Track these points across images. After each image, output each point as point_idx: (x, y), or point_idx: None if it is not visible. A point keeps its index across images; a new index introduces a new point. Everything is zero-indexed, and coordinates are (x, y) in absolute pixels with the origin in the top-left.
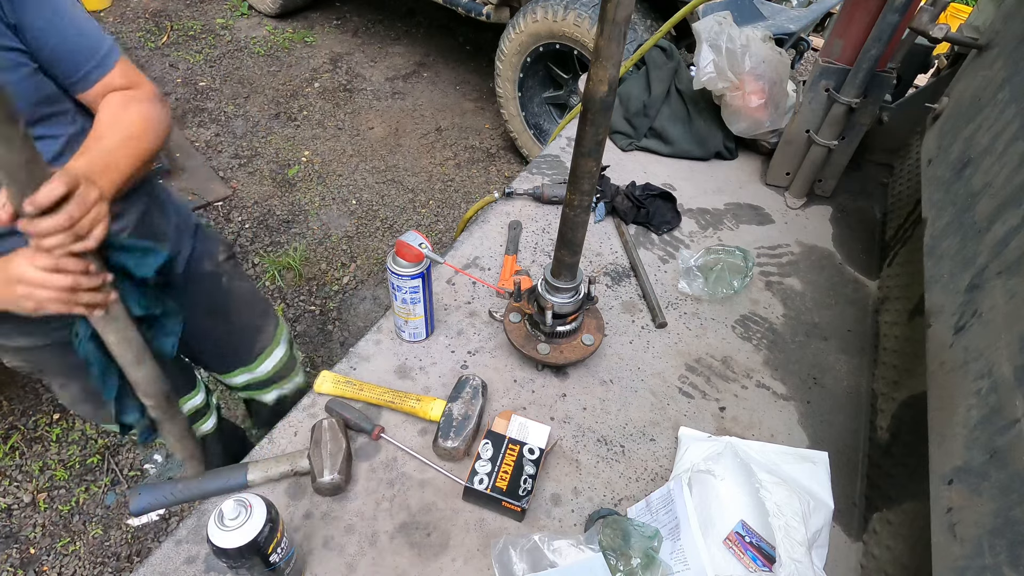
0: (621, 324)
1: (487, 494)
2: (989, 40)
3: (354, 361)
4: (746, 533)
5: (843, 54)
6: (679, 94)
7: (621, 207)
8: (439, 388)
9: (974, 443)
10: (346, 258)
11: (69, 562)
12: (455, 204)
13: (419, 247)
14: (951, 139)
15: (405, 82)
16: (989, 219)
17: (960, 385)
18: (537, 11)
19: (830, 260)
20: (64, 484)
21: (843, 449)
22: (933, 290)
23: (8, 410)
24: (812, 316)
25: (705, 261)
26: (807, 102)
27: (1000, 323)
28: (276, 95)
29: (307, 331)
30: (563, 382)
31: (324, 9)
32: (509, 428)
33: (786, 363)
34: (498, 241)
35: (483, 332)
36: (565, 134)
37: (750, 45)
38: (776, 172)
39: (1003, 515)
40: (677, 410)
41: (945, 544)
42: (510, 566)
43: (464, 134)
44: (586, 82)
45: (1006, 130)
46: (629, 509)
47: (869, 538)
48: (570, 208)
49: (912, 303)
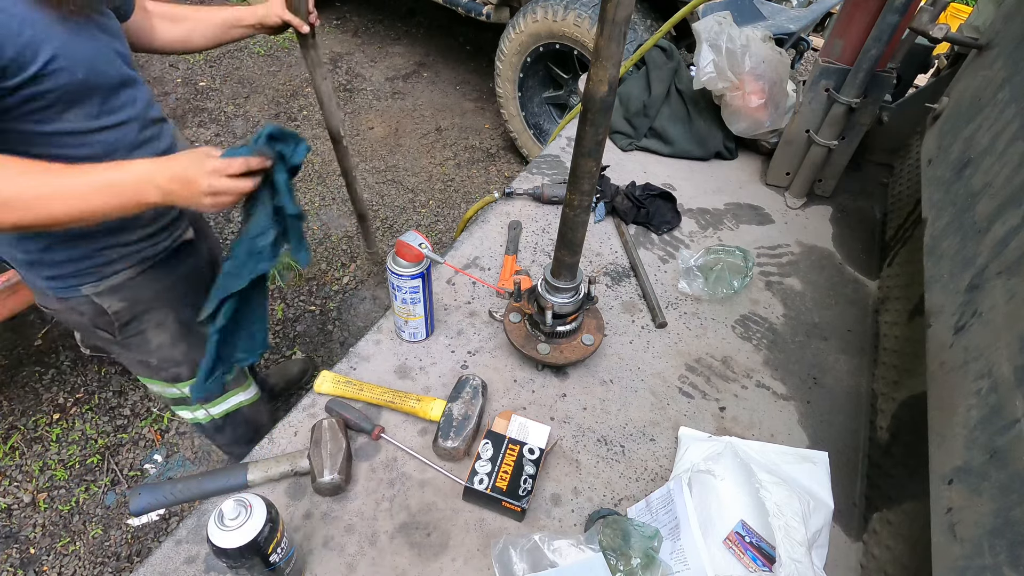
0: (621, 324)
1: (487, 494)
2: (989, 40)
3: (354, 361)
4: (746, 533)
5: (843, 54)
6: (679, 94)
7: (621, 207)
8: (439, 388)
9: (974, 443)
10: (346, 258)
11: (69, 562)
12: (455, 204)
13: (419, 247)
14: (951, 139)
15: (405, 82)
16: (989, 219)
17: (960, 385)
18: (537, 11)
19: (830, 260)
20: (64, 484)
21: (843, 449)
22: (933, 290)
23: (8, 410)
24: (812, 316)
25: (705, 261)
26: (807, 102)
27: (1000, 323)
28: (276, 95)
29: (307, 331)
30: (563, 382)
31: (324, 9)
32: (509, 428)
33: (786, 363)
34: (498, 241)
35: (483, 332)
36: (565, 134)
37: (750, 45)
38: (776, 172)
39: (1003, 515)
40: (677, 410)
41: (945, 544)
42: (510, 566)
43: (464, 134)
44: (586, 82)
45: (1006, 130)
46: (629, 509)
47: (869, 538)
48: (570, 208)
49: (912, 303)
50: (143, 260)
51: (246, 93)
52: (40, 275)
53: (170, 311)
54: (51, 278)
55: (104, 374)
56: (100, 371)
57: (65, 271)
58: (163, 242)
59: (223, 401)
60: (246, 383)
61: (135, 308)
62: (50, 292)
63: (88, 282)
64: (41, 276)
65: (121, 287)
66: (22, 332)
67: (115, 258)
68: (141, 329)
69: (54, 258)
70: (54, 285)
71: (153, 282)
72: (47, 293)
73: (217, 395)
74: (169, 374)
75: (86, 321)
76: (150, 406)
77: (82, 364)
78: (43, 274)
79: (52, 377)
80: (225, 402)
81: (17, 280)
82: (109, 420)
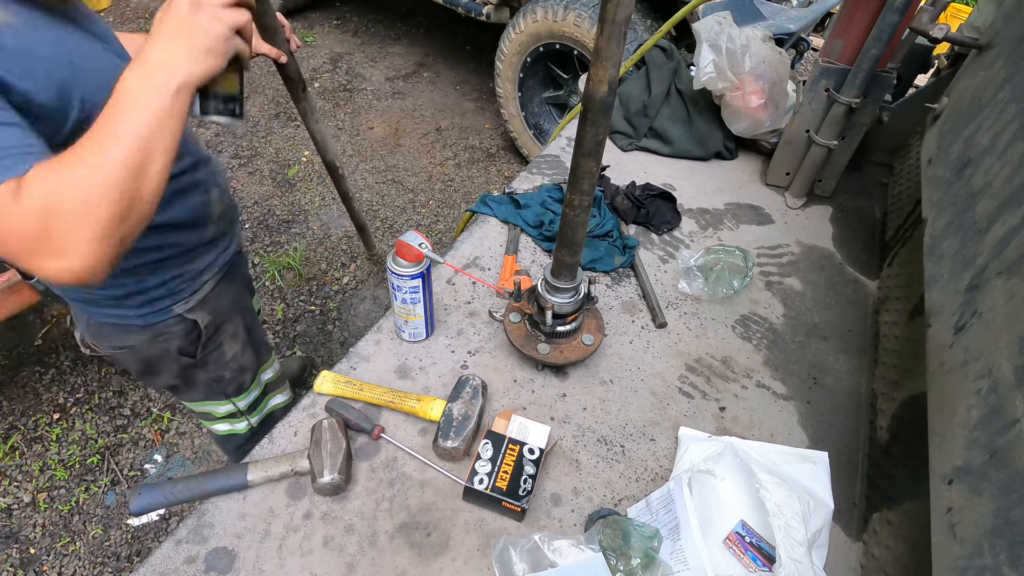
0: (621, 324)
1: (487, 494)
2: (989, 40)
3: (354, 361)
4: (746, 533)
5: (843, 54)
6: (679, 94)
7: (621, 207)
8: (439, 388)
9: (974, 443)
10: (346, 258)
11: (69, 562)
12: (455, 204)
13: (419, 247)
14: (951, 139)
15: (405, 82)
16: (989, 219)
17: (960, 385)
18: (537, 11)
19: (830, 260)
20: (64, 484)
21: (843, 449)
22: (933, 290)
23: (8, 410)
24: (812, 316)
25: (705, 261)
26: (807, 102)
27: (1000, 323)
28: (276, 95)
29: (307, 331)
30: (563, 382)
31: (324, 9)
32: (509, 428)
33: (786, 363)
34: (498, 241)
35: (483, 332)
36: (565, 134)
37: (750, 45)
38: (776, 172)
39: (1003, 515)
40: (677, 410)
41: (945, 544)
42: (510, 566)
43: (464, 134)
44: (586, 82)
45: (1006, 130)
46: (629, 509)
47: (869, 538)
48: (570, 208)
49: (912, 303)
50: (222, 267)
51: (246, 93)
52: (132, 305)
53: (240, 318)
54: (142, 304)
55: (104, 374)
56: (100, 371)
57: (158, 294)
58: (233, 246)
59: (263, 406)
60: (284, 386)
61: (217, 320)
62: (138, 321)
63: (181, 299)
64: (133, 305)
65: (207, 300)
66: (22, 332)
67: (203, 268)
68: (219, 341)
69: (147, 285)
70: (145, 312)
71: (228, 289)
72: (130, 325)
73: (260, 401)
74: (235, 384)
75: (172, 347)
76: (150, 406)
77: (82, 364)
78: (135, 303)
79: (52, 377)
80: (264, 407)
81: (17, 280)
82: (109, 420)
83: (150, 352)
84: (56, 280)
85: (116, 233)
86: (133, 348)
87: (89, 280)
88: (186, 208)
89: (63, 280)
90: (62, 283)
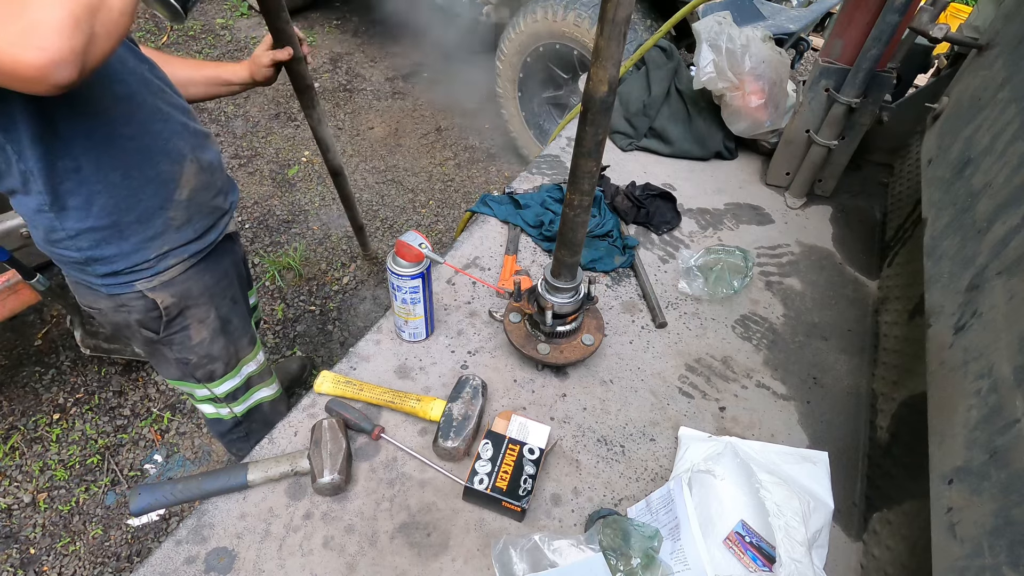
0: (621, 324)
1: (487, 494)
2: (989, 40)
3: (354, 361)
4: (746, 533)
5: (843, 54)
6: (679, 94)
7: (621, 207)
8: (439, 388)
9: (974, 443)
10: (346, 258)
11: (69, 562)
12: (455, 204)
13: (419, 247)
14: (951, 139)
15: (405, 82)
16: (989, 219)
17: (960, 385)
18: (537, 11)
19: (830, 260)
20: (64, 484)
21: (843, 449)
22: (933, 290)
23: (8, 410)
24: (812, 316)
25: (705, 261)
26: (807, 102)
27: (1000, 323)
28: (276, 95)
29: (307, 331)
30: (563, 382)
31: (324, 9)
32: (509, 428)
33: (786, 363)
34: (498, 241)
35: (483, 332)
36: (565, 134)
37: (750, 45)
38: (776, 172)
39: (1003, 515)
40: (677, 410)
41: (945, 544)
42: (510, 566)
43: (464, 134)
44: (586, 82)
45: (1006, 130)
46: (629, 509)
47: (869, 538)
48: (570, 208)
49: (912, 303)
50: (194, 255)
51: (246, 93)
52: (94, 273)
53: (212, 306)
54: (105, 275)
55: (104, 374)
56: (100, 371)
57: (120, 266)
58: (211, 236)
59: (247, 398)
60: (270, 379)
61: (183, 303)
62: (102, 289)
63: (143, 277)
64: (95, 274)
65: (173, 282)
66: (22, 332)
67: (168, 251)
68: (185, 325)
69: (104, 253)
70: (108, 282)
71: (202, 276)
72: (98, 291)
73: (243, 393)
74: (205, 372)
75: (132, 319)
76: (150, 406)
77: (82, 364)
78: (97, 271)
79: (52, 377)
80: (249, 399)
81: (17, 280)
82: (109, 420)
83: (116, 318)
84: (25, 71)
85: (86, 26)
86: (101, 311)
87: (55, 73)
88: (146, 160)
89: (32, 68)
90: (30, 76)
